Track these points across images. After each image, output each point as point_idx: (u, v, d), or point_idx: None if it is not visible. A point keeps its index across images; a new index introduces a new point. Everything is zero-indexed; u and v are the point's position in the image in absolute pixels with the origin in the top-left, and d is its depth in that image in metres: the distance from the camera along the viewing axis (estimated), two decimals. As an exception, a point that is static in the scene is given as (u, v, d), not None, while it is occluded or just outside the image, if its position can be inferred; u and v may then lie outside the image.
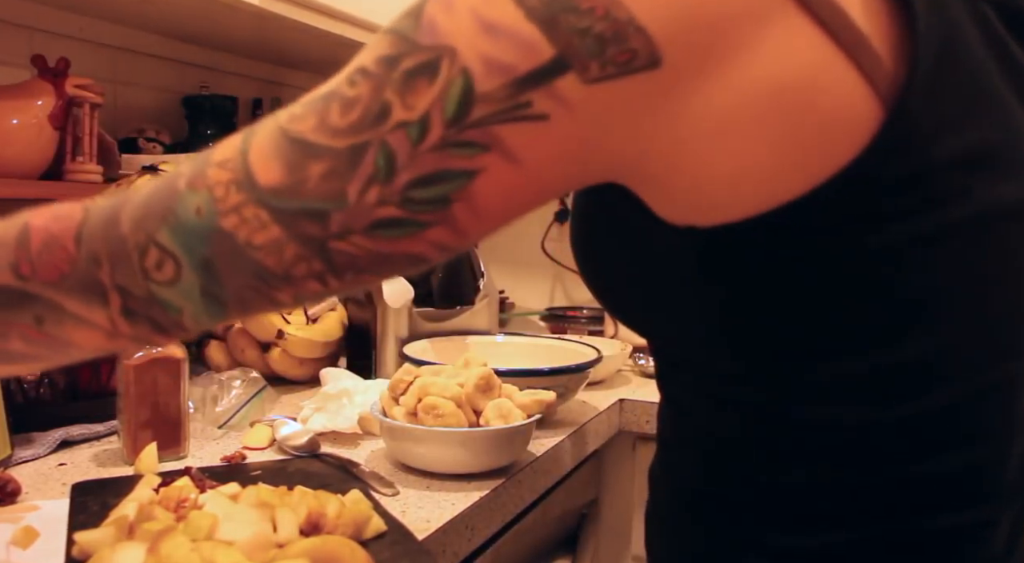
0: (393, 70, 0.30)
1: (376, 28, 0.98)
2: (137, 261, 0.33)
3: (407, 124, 0.30)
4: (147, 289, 0.34)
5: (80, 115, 0.77)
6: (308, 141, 0.31)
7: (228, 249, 0.32)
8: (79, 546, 0.42)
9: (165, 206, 0.33)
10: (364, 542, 0.45)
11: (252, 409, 0.71)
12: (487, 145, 0.29)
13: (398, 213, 0.30)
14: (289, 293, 0.33)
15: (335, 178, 0.30)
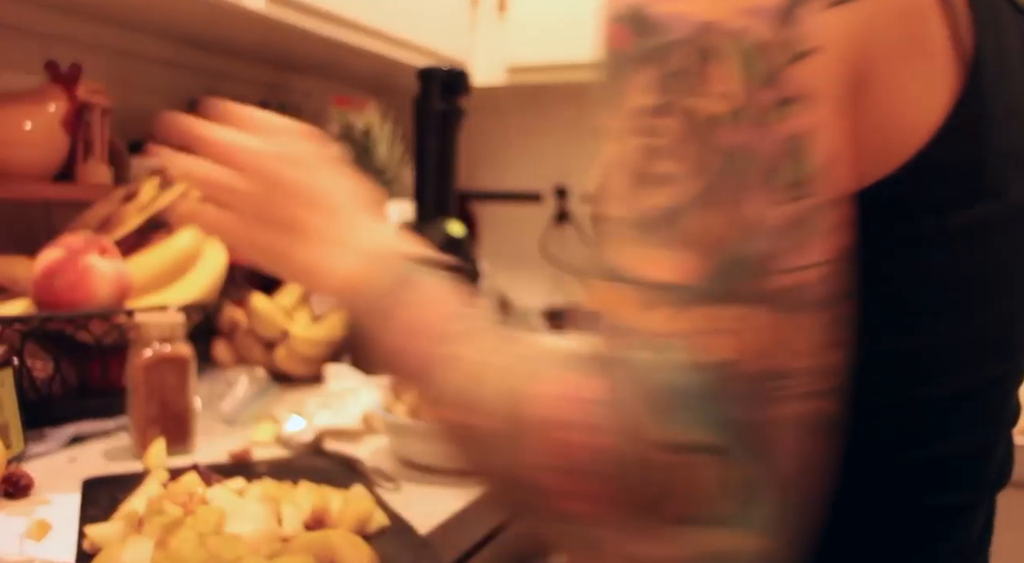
0: (680, 81, 0.27)
1: (378, 34, 1.00)
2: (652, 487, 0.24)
3: (729, 115, 0.26)
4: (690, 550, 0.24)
5: (91, 119, 0.78)
6: (669, 207, 0.26)
7: (745, 384, 0.24)
8: (90, 539, 0.43)
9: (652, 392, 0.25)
10: (367, 537, 0.46)
11: (258, 406, 0.73)
12: (798, 95, 0.26)
13: (793, 208, 0.26)
14: (826, 391, 0.26)
15: (723, 215, 0.26)
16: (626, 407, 0.25)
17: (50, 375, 0.64)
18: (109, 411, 0.66)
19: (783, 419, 0.25)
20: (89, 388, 0.67)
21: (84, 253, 0.64)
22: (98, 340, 0.64)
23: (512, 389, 0.28)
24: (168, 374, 0.59)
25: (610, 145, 0.29)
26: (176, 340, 0.60)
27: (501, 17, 1.21)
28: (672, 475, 0.24)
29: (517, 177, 1.40)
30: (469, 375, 0.30)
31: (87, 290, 0.63)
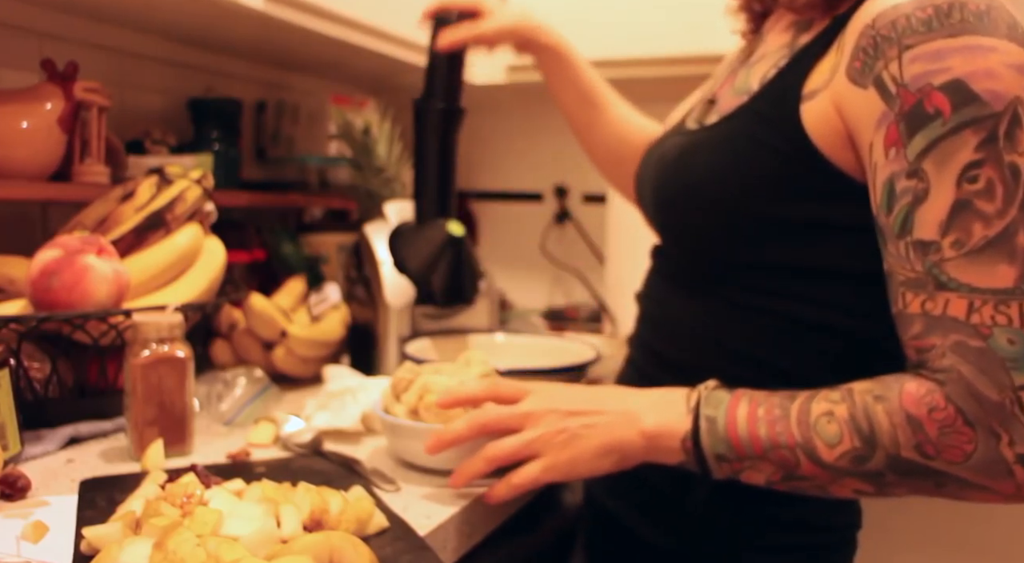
0: (996, 143, 0.41)
1: (378, 32, 1.00)
2: (1021, 414, 0.40)
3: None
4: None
5: (88, 118, 0.78)
6: (991, 236, 0.41)
7: None
8: (87, 541, 0.43)
9: (992, 364, 0.40)
10: (366, 538, 0.46)
11: (256, 407, 0.72)
12: None
13: None
14: None
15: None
16: (968, 378, 0.41)
17: (47, 376, 0.64)
18: (107, 412, 0.66)
19: None
20: (86, 389, 0.66)
21: (81, 253, 0.63)
22: (96, 340, 0.64)
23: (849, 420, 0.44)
24: (166, 375, 0.59)
25: (919, 185, 0.42)
26: (174, 340, 0.60)
27: (500, 16, 1.20)
28: (1018, 406, 0.40)
29: (517, 177, 1.40)
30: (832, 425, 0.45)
31: (84, 290, 0.63)
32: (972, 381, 0.41)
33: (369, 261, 0.87)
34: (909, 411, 0.42)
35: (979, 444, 0.41)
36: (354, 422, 0.66)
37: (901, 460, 0.43)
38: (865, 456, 0.43)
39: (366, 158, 1.00)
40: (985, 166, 0.41)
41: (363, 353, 0.87)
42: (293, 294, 0.92)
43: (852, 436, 0.43)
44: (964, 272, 0.41)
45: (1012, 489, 0.42)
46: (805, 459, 0.45)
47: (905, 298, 0.43)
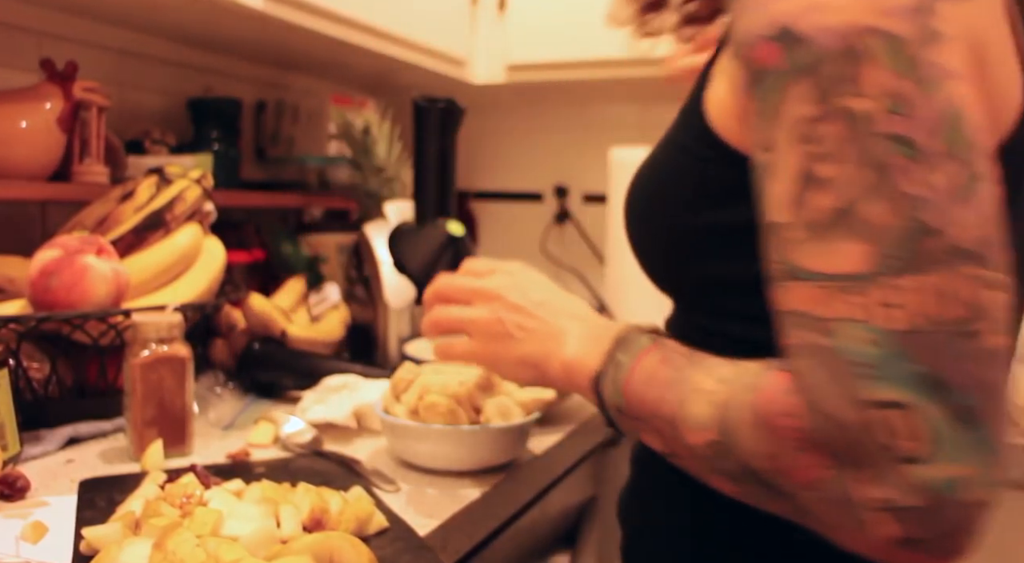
0: (832, 88, 0.31)
1: (378, 32, 1.00)
2: (881, 442, 0.29)
3: (882, 107, 0.31)
4: (918, 483, 0.29)
5: (87, 118, 0.78)
6: (836, 207, 0.31)
7: (923, 345, 0.29)
8: (87, 541, 0.43)
9: (841, 370, 0.30)
10: (366, 538, 0.46)
11: (255, 408, 0.72)
12: (945, 75, 0.31)
13: (956, 170, 0.30)
14: (992, 329, 0.30)
15: (890, 197, 0.30)
16: (817, 388, 0.31)
17: (46, 376, 0.64)
18: (106, 412, 0.66)
19: (957, 363, 0.29)
20: (86, 389, 0.66)
21: (81, 253, 0.63)
22: (95, 340, 0.64)
23: (724, 405, 0.35)
24: (166, 375, 0.59)
25: (770, 157, 0.33)
26: (174, 341, 0.60)
27: (501, 15, 1.20)
28: (877, 430, 0.30)
29: (517, 176, 1.40)
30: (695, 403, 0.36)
31: (84, 290, 0.63)
32: (820, 391, 0.31)
33: (369, 261, 0.87)
34: (763, 413, 0.33)
35: (828, 472, 0.31)
36: (346, 416, 0.65)
37: (753, 470, 0.34)
38: (724, 453, 0.35)
39: (366, 158, 1.00)
40: (824, 121, 0.31)
41: (363, 353, 0.87)
42: (293, 294, 0.92)
43: (718, 426, 0.35)
44: (811, 257, 0.32)
45: (862, 546, 0.31)
46: (676, 437, 0.37)
47: (774, 296, 0.34)
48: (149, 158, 0.89)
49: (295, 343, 0.80)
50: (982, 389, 0.29)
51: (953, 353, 0.29)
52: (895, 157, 0.30)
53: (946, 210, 0.30)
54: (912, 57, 0.31)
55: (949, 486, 0.29)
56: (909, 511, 0.29)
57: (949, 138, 0.30)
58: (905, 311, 0.30)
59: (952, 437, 0.29)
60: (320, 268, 1.04)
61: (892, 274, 0.30)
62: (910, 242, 0.30)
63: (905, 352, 0.29)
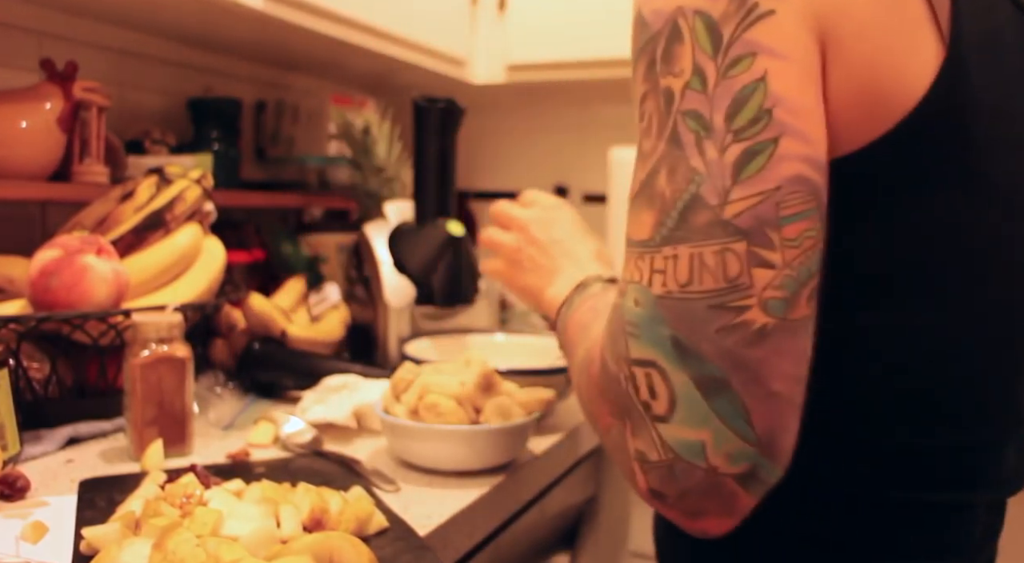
0: (654, 67, 0.33)
1: (378, 32, 1.00)
2: (635, 397, 0.32)
3: (688, 84, 0.32)
4: (660, 440, 0.31)
5: (87, 118, 0.78)
6: (642, 179, 0.33)
7: (676, 311, 0.31)
8: (87, 541, 0.43)
9: (616, 327, 0.33)
10: (366, 538, 0.45)
11: (255, 409, 0.72)
12: (752, 51, 0.31)
13: (743, 146, 0.31)
14: (752, 300, 0.30)
15: (677, 170, 0.32)
16: (603, 342, 0.34)
17: (46, 376, 0.64)
18: (106, 412, 0.66)
19: (707, 333, 0.30)
20: (86, 389, 0.66)
21: (81, 253, 0.63)
22: (95, 340, 0.64)
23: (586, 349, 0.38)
24: (166, 375, 0.59)
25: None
26: (174, 341, 0.60)
27: (501, 15, 1.20)
28: (634, 385, 0.31)
29: (517, 176, 1.40)
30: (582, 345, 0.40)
31: (84, 290, 0.62)
32: (603, 344, 0.33)
33: (369, 261, 0.87)
34: (589, 356, 0.36)
35: (613, 420, 0.33)
36: (346, 416, 0.65)
37: (587, 412, 0.36)
38: (579, 394, 0.38)
39: (366, 158, 1.00)
40: (647, 99, 0.33)
41: (363, 353, 0.87)
42: (293, 294, 0.91)
43: (577, 369, 0.38)
44: (629, 224, 0.34)
45: (642, 490, 0.33)
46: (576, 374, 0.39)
47: None
48: (149, 158, 0.89)
49: (295, 343, 0.80)
50: (732, 362, 0.30)
51: (704, 323, 0.30)
52: (687, 133, 0.32)
53: (722, 186, 0.31)
54: (722, 36, 0.31)
55: (684, 447, 0.30)
56: (652, 465, 0.31)
57: (740, 115, 0.31)
58: (664, 277, 0.31)
59: (692, 402, 0.30)
60: (320, 268, 1.04)
61: (662, 242, 0.32)
62: (683, 213, 0.31)
63: (662, 316, 0.31)
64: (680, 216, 0.31)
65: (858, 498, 0.36)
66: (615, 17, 1.13)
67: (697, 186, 0.31)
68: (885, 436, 0.35)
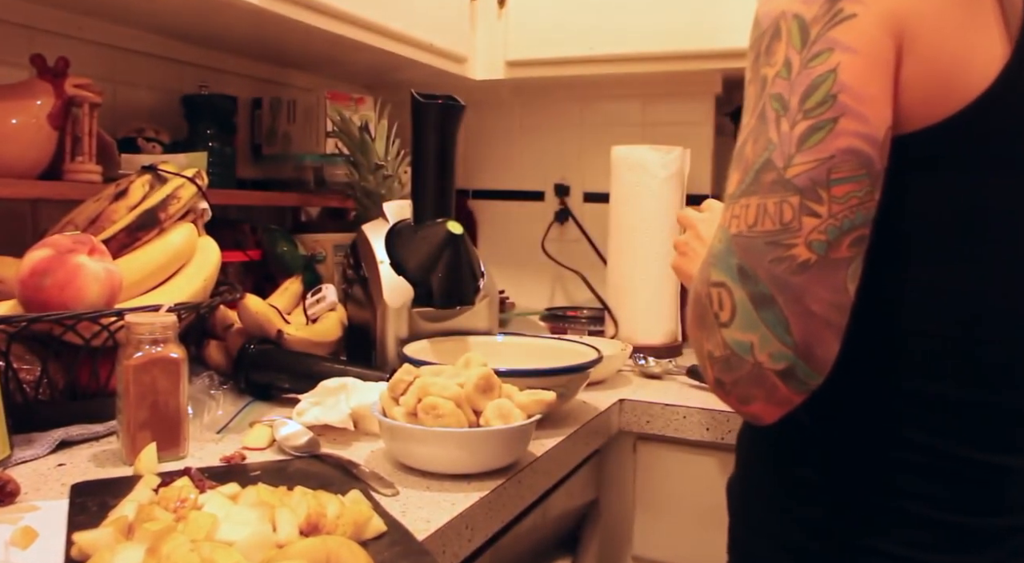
0: (759, 59, 0.43)
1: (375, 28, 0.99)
2: (710, 309, 0.42)
3: (778, 72, 0.42)
4: (722, 340, 0.42)
5: (79, 115, 0.77)
6: (738, 146, 0.44)
7: (742, 245, 0.41)
8: (78, 546, 0.42)
9: (707, 258, 0.44)
10: (364, 542, 0.45)
11: (250, 411, 0.71)
12: (830, 48, 0.41)
13: (808, 123, 0.40)
14: (799, 240, 0.40)
15: (759, 140, 0.42)
16: (698, 272, 0.45)
17: (37, 378, 0.63)
18: (98, 415, 0.65)
19: (762, 262, 0.41)
20: (78, 391, 0.65)
21: (73, 252, 0.62)
22: (87, 341, 0.63)
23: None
24: (159, 376, 0.58)
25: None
26: (168, 342, 0.59)
27: (501, 11, 1.20)
28: (710, 301, 0.43)
29: (517, 175, 1.39)
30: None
31: (76, 290, 0.61)
32: (699, 270, 0.44)
33: (367, 261, 0.86)
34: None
35: (696, 330, 0.44)
36: (343, 419, 0.65)
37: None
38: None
39: (364, 156, 0.99)
40: (751, 84, 0.43)
41: (360, 354, 0.86)
42: (289, 295, 0.91)
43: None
44: (728, 181, 0.44)
45: (710, 380, 0.44)
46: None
47: None
48: (143, 156, 0.88)
49: (291, 344, 0.80)
50: (778, 284, 0.40)
51: (761, 254, 0.41)
52: (770, 111, 0.42)
53: (788, 153, 0.41)
54: (809, 34, 0.41)
55: (739, 346, 0.41)
56: (716, 359, 0.42)
57: (811, 98, 0.40)
58: (738, 220, 0.42)
59: (746, 312, 0.41)
60: (317, 268, 1.03)
61: (740, 195, 0.42)
62: (757, 173, 0.42)
63: (732, 249, 0.42)
64: (755, 175, 0.41)
65: (894, 441, 0.44)
66: (615, 13, 1.13)
67: (770, 152, 0.41)
68: (925, 385, 0.44)
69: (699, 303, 0.43)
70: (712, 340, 0.42)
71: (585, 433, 0.75)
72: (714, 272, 0.42)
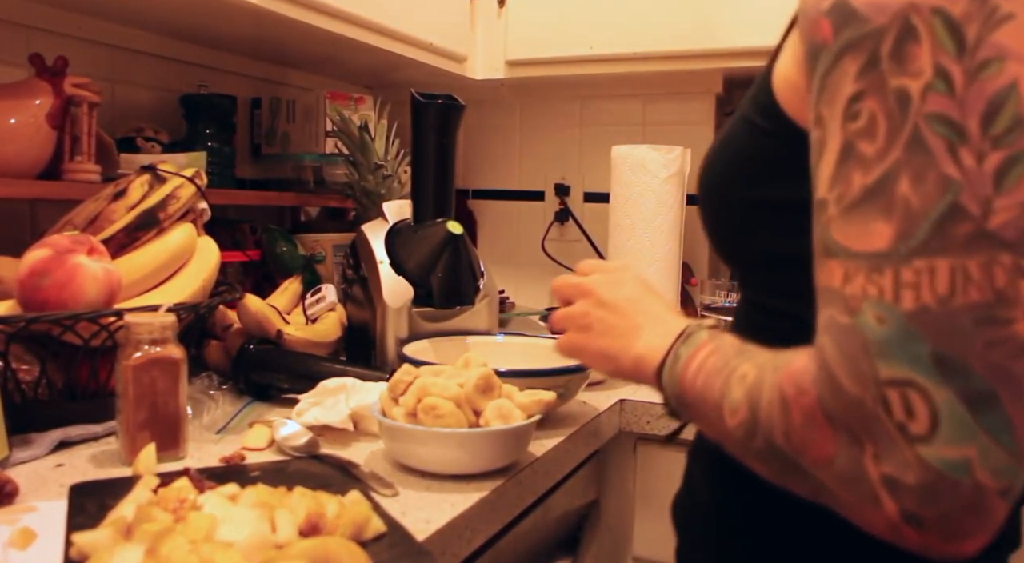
0: (879, 65, 0.31)
1: (375, 27, 0.99)
2: (886, 419, 0.30)
3: (929, 86, 0.30)
4: (918, 461, 0.29)
5: (78, 114, 0.77)
6: (868, 185, 0.31)
7: (936, 326, 0.30)
8: (77, 547, 0.42)
9: (854, 347, 0.31)
10: (364, 543, 0.45)
11: (250, 412, 0.71)
12: (1000, 55, 0.30)
13: (1002, 154, 0.30)
14: (1018, 312, 0.29)
15: (925, 177, 0.30)
16: (831, 366, 0.32)
17: (36, 378, 0.63)
18: (97, 415, 0.65)
19: (974, 346, 0.29)
20: (77, 391, 0.65)
21: (72, 252, 0.62)
22: (86, 342, 0.63)
23: (754, 385, 0.36)
24: (159, 377, 0.58)
25: (820, 133, 0.34)
26: (167, 342, 0.59)
27: (501, 11, 1.19)
28: (883, 408, 0.30)
29: (517, 174, 1.39)
30: (735, 386, 0.38)
31: (75, 290, 0.61)
32: (833, 367, 0.32)
33: (367, 261, 0.86)
34: (783, 389, 0.34)
35: (840, 448, 0.32)
36: (343, 419, 0.65)
37: (776, 447, 0.35)
38: (752, 431, 0.36)
39: (363, 156, 0.99)
40: (867, 97, 0.32)
41: (360, 355, 0.86)
42: (289, 295, 0.90)
43: (747, 405, 0.36)
44: (843, 232, 0.32)
45: (882, 523, 0.31)
46: (720, 420, 0.38)
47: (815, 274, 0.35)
48: (142, 156, 0.88)
49: (291, 344, 0.79)
50: (1002, 376, 0.29)
51: (970, 336, 0.29)
52: (934, 137, 0.30)
53: (983, 194, 0.30)
54: (965, 37, 0.30)
55: (948, 466, 0.29)
56: (908, 488, 0.30)
57: (997, 121, 0.30)
58: (918, 291, 0.30)
59: (957, 418, 0.29)
60: (316, 268, 1.03)
61: (911, 254, 0.30)
62: (938, 223, 0.30)
63: (915, 332, 0.30)
64: (935, 226, 0.30)
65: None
66: (615, 13, 1.12)
67: (955, 195, 0.30)
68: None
69: (853, 409, 0.31)
70: (892, 460, 0.30)
71: (585, 433, 0.75)
72: (886, 366, 0.30)
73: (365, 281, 0.85)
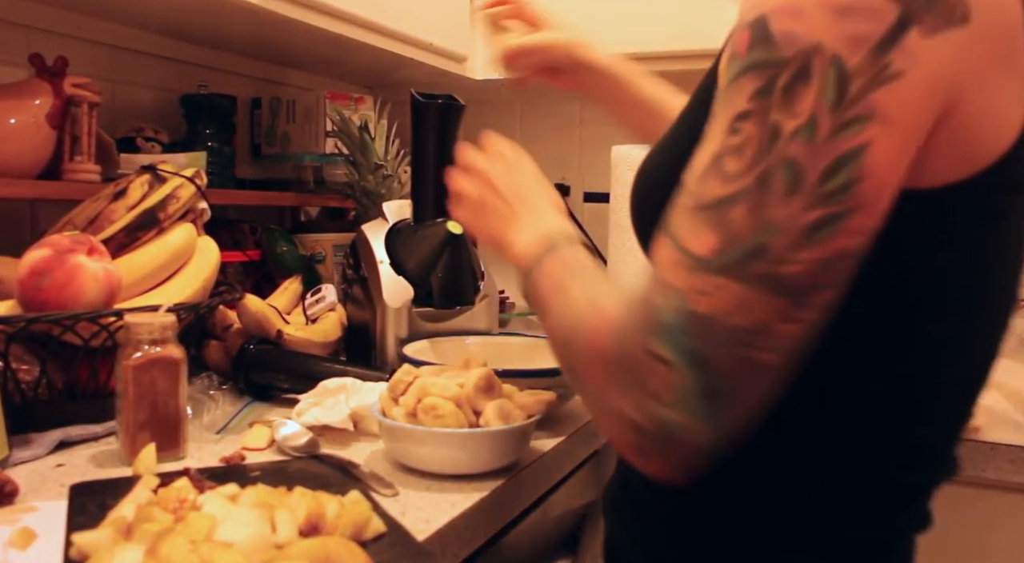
0: (770, 95, 0.33)
1: (375, 27, 0.99)
2: (648, 382, 0.36)
3: (798, 130, 0.33)
4: (658, 417, 0.36)
5: (78, 114, 0.77)
6: (719, 197, 0.35)
7: (705, 331, 0.35)
8: (77, 547, 0.42)
9: (649, 322, 0.36)
10: (364, 543, 0.45)
11: (250, 412, 0.71)
12: (868, 115, 0.32)
13: (820, 212, 0.33)
14: (767, 347, 0.34)
15: (756, 212, 0.34)
16: (628, 326, 0.37)
17: (36, 378, 0.63)
18: (97, 415, 0.65)
19: (724, 356, 0.35)
20: (77, 391, 0.65)
21: (72, 252, 0.62)
22: (86, 342, 0.63)
23: (578, 313, 0.42)
24: (159, 377, 0.58)
25: (709, 128, 0.36)
26: (167, 342, 0.59)
27: (499, 11, 1.19)
28: (646, 370, 0.36)
29: (514, 175, 1.39)
30: (564, 306, 0.43)
31: (75, 290, 0.61)
32: (628, 330, 0.37)
33: (367, 261, 0.86)
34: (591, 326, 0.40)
35: (609, 387, 0.38)
36: (343, 419, 0.65)
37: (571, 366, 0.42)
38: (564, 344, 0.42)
39: (363, 156, 0.99)
40: (750, 119, 0.34)
41: (360, 355, 0.86)
42: (289, 295, 0.90)
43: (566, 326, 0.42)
44: (685, 227, 0.36)
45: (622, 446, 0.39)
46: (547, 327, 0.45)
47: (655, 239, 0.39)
48: (142, 156, 0.88)
49: (291, 344, 0.79)
50: (734, 383, 0.35)
51: (724, 348, 0.35)
52: (779, 181, 0.33)
53: (789, 244, 0.33)
54: (847, 91, 0.32)
55: (675, 426, 0.36)
56: (645, 432, 0.37)
57: (832, 180, 0.32)
58: (707, 301, 0.35)
59: (691, 398, 0.35)
60: (317, 268, 1.03)
61: (717, 270, 0.34)
62: (747, 254, 0.34)
63: (690, 330, 0.35)
64: (744, 255, 0.34)
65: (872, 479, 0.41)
66: (616, 13, 1.12)
67: (767, 237, 0.33)
68: (910, 427, 0.40)
69: (628, 362, 0.37)
70: (641, 412, 0.36)
71: (585, 433, 0.75)
72: (659, 345, 0.35)
73: (365, 281, 0.85)
